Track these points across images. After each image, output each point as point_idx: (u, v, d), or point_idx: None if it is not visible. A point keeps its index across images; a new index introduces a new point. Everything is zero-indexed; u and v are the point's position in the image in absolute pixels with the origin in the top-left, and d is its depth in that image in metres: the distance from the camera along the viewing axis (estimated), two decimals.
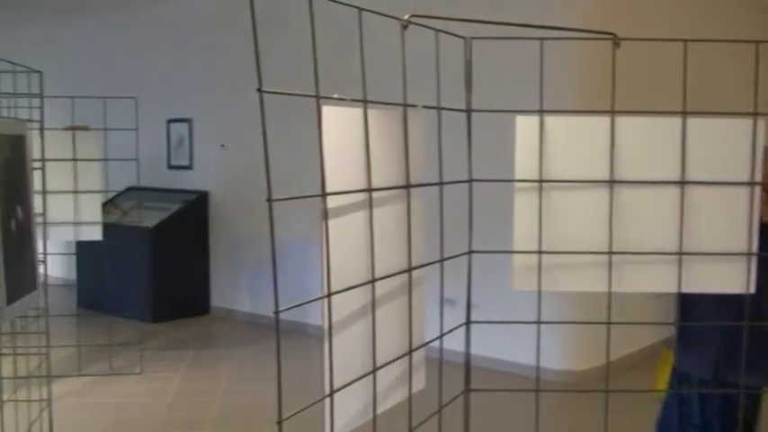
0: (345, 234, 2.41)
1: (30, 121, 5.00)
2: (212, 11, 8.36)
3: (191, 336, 7.96)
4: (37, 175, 5.04)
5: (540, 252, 2.70)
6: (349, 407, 2.52)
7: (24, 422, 4.73)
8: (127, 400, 6.02)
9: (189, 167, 9.04)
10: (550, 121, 2.60)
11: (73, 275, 9.01)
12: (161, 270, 8.41)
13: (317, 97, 2.10)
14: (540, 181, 2.68)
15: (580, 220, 2.67)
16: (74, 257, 8.41)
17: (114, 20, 9.39)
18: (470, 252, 2.90)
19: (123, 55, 9.47)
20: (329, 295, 2.34)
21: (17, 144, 4.55)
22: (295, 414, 2.22)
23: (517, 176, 2.66)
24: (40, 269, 4.82)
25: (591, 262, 2.68)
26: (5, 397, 4.55)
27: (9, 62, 4.67)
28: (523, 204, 2.70)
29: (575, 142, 2.64)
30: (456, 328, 2.93)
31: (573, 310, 5.74)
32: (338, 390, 2.41)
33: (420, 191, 2.65)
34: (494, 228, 3.48)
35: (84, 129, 6.67)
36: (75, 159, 6.13)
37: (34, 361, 5.10)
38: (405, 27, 2.30)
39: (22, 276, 4.36)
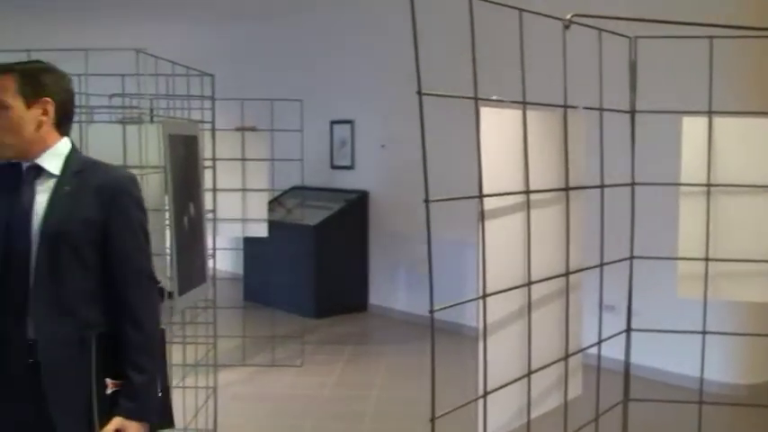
0: (502, 236, 2.40)
1: (202, 122, 5.25)
2: (374, 15, 8.50)
3: (349, 332, 8.13)
4: (208, 174, 5.27)
5: (706, 260, 2.59)
6: (503, 409, 2.50)
7: (191, 407, 4.98)
8: (288, 391, 6.21)
9: (350, 167, 9.23)
10: (719, 122, 2.49)
11: (240, 270, 9.40)
12: (322, 267, 8.63)
13: (476, 99, 2.10)
14: (708, 185, 2.58)
15: (749, 226, 2.55)
16: (241, 253, 8.77)
17: (281, 25, 9.72)
18: (632, 258, 2.82)
19: (289, 59, 9.79)
20: (484, 296, 2.34)
21: (190, 144, 4.79)
22: (448, 413, 2.24)
23: (683, 180, 2.57)
24: (210, 263, 5.06)
25: (761, 271, 2.55)
26: (174, 383, 4.80)
27: (183, 66, 4.90)
28: (689, 209, 2.61)
29: (745, 145, 2.52)
30: (616, 335, 2.86)
31: (741, 320, 5.47)
32: (492, 391, 2.41)
33: (580, 194, 2.60)
34: (657, 232, 3.37)
35: (253, 130, 6.94)
36: (243, 159, 6.37)
37: (202, 350, 5.35)
38: (567, 27, 2.27)
39: (193, 269, 4.59)
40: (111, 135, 4.27)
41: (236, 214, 6.40)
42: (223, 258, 9.02)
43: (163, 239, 4.40)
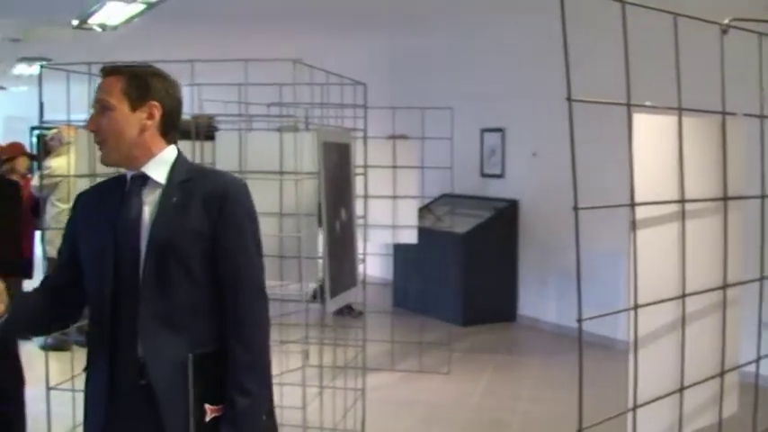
0: (655, 246, 2.34)
1: (354, 130, 5.37)
2: (524, 22, 8.43)
3: (497, 341, 8.08)
4: (359, 181, 5.38)
5: None
6: (653, 424, 2.44)
7: (340, 408, 5.09)
8: (434, 397, 6.25)
9: (500, 176, 9.19)
10: None
11: (389, 275, 9.52)
12: (471, 275, 8.62)
13: (628, 105, 2.06)
14: None
15: None
16: (391, 258, 8.89)
17: (433, 34, 9.79)
18: None
19: (440, 67, 9.85)
20: (635, 308, 2.29)
21: (343, 151, 4.91)
22: (596, 425, 2.20)
23: None
24: (360, 268, 5.16)
25: None
26: (325, 383, 4.92)
27: (338, 75, 5.03)
28: None
29: None
30: None
31: None
32: (643, 405, 2.35)
33: (739, 204, 2.50)
34: None
35: (404, 138, 7.03)
36: (394, 166, 6.46)
37: (351, 352, 5.46)
38: (724, 32, 2.19)
39: (344, 273, 4.70)
40: (269, 142, 4.44)
41: (386, 221, 6.49)
42: (373, 264, 9.14)
43: (315, 243, 4.53)
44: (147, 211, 2.23)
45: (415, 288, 9.09)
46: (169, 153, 2.28)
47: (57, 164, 6.65)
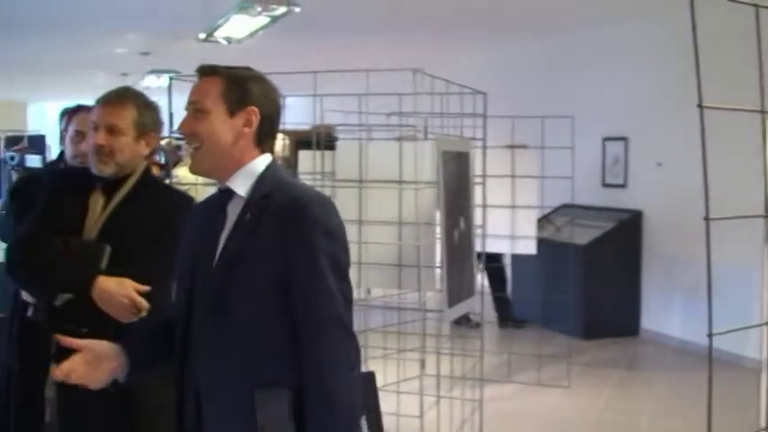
0: None
1: (473, 139, 5.35)
2: (648, 27, 8.22)
3: (619, 355, 7.87)
4: (478, 190, 5.36)
5: None
6: None
7: (458, 419, 5.06)
8: (553, 411, 6.13)
9: (623, 186, 8.96)
10: None
11: (507, 286, 9.42)
12: (592, 287, 8.43)
13: (762, 112, 1.97)
14: None
15: None
16: (509, 269, 8.80)
17: (554, 42, 9.67)
18: None
19: (561, 75, 9.70)
20: None
21: (462, 160, 4.90)
22: None
23: None
24: (478, 278, 5.14)
25: None
26: (442, 392, 4.91)
27: (458, 84, 5.03)
28: None
29: None
30: None
31: None
32: None
33: None
34: None
35: (523, 147, 6.96)
36: (513, 176, 6.40)
37: (468, 363, 5.42)
38: None
39: (462, 283, 4.68)
40: (388, 152, 4.48)
41: (504, 231, 6.43)
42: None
43: (433, 252, 4.53)
44: (227, 229, 2.02)
45: (533, 299, 8.96)
46: (258, 164, 2.06)
47: (183, 173, 6.87)
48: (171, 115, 3.93)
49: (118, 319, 2.60)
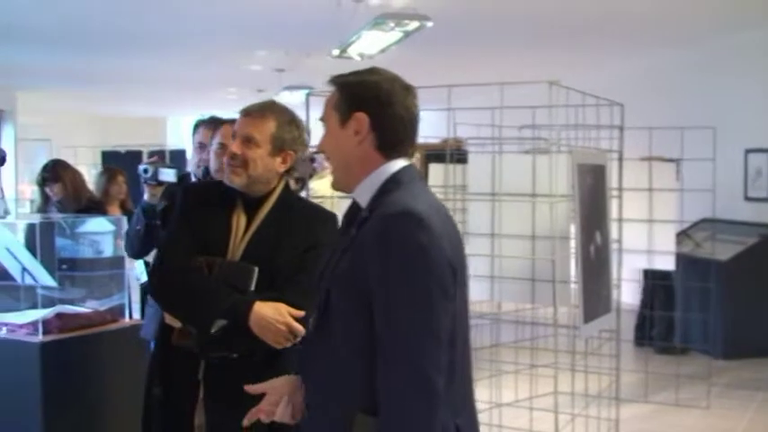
0: None
1: (610, 151, 5.23)
2: None
3: (761, 376, 7.49)
4: (614, 203, 5.23)
5: None
6: None
7: None
8: None
9: (767, 200, 8.57)
10: None
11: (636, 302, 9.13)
12: (734, 305, 8.07)
13: None
14: None
15: None
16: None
17: (693, 51, 9.35)
18: None
19: (701, 85, 9.37)
20: None
21: (598, 173, 4.79)
22: None
23: None
24: (614, 294, 5.00)
25: None
26: (576, 411, 4.80)
27: (593, 96, 4.93)
28: None
29: None
30: None
31: None
32: None
33: None
34: None
35: (661, 159, 6.75)
36: (650, 189, 6.21)
37: (604, 381, 5.28)
38: None
39: (599, 298, 4.57)
40: (522, 165, 4.43)
41: (641, 245, 6.24)
42: (627, 290, 8.82)
43: (568, 267, 4.45)
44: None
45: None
46: (381, 174, 1.91)
47: (318, 186, 7.01)
48: (309, 132, 4.00)
49: (272, 345, 2.53)
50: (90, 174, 9.70)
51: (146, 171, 3.63)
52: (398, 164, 1.92)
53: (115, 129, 16.91)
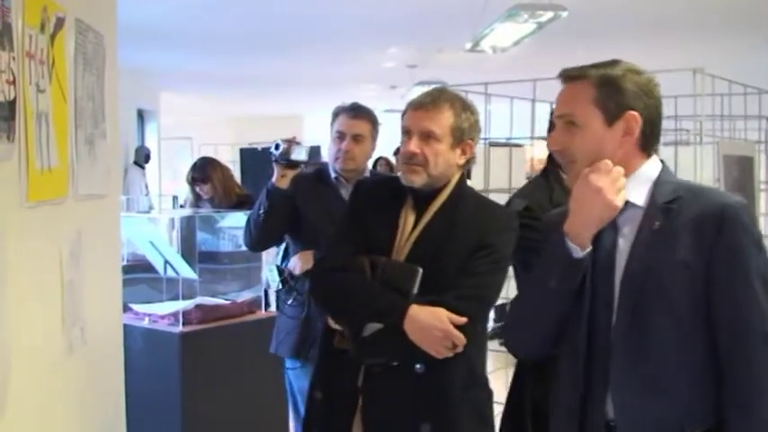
0: None
1: (758, 142, 4.97)
2: None
3: None
4: (763, 197, 4.98)
5: None
6: None
7: None
8: None
9: None
10: None
11: None
12: None
13: None
14: None
15: None
16: None
17: None
18: None
19: None
20: None
21: (746, 165, 4.56)
22: None
23: None
24: None
25: None
26: None
27: (741, 84, 4.69)
28: None
29: None
30: None
31: None
32: None
33: None
34: None
35: None
36: None
37: None
38: None
39: None
40: (665, 157, 4.25)
41: None
42: None
43: None
44: (624, 240, 1.84)
45: None
46: (648, 169, 1.88)
47: None
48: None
49: (430, 353, 2.31)
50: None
51: (277, 147, 3.34)
52: (657, 160, 1.91)
53: (253, 127, 17.34)
